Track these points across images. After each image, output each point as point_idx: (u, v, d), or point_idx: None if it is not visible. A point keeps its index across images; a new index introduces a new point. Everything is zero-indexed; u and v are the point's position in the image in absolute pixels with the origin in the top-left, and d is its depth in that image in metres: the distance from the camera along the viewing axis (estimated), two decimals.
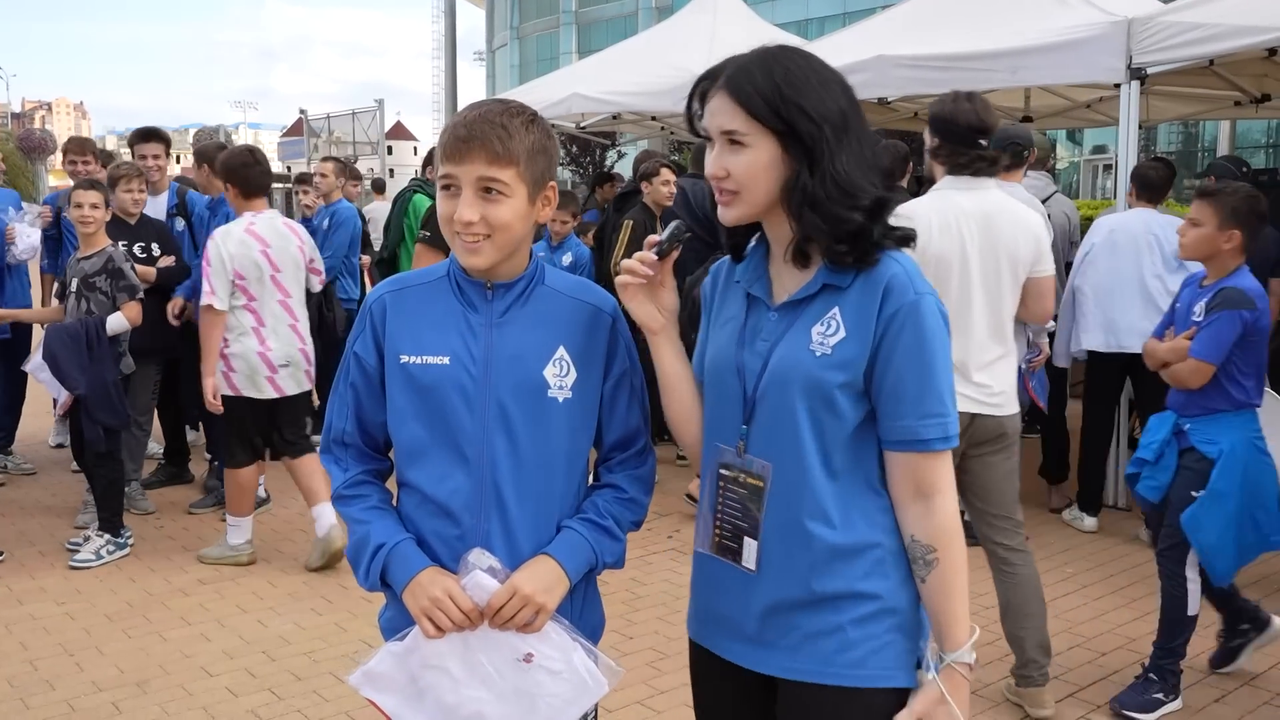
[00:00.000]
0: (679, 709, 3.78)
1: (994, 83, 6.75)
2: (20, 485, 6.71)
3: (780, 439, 1.73)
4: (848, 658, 1.72)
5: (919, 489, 1.72)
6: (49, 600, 4.81)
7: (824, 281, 1.71)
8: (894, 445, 1.71)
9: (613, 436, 1.98)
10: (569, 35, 53.92)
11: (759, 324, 1.78)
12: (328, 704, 3.82)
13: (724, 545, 1.81)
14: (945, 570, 1.71)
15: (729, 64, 1.72)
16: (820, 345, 1.70)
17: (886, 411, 1.70)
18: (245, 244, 5.10)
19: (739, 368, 1.78)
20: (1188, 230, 3.80)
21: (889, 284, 1.67)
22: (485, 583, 1.81)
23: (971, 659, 1.73)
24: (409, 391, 1.88)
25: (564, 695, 1.87)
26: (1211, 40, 5.58)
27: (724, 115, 1.70)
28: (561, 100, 9.33)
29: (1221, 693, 3.93)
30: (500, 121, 1.81)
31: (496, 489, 1.86)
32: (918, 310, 1.66)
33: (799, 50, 1.74)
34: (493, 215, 1.81)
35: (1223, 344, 3.60)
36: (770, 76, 1.67)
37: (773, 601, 1.76)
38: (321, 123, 22.49)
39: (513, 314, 1.89)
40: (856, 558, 1.72)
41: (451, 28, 27.48)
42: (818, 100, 1.67)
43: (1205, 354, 3.62)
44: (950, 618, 1.72)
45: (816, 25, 36.02)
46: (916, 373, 1.67)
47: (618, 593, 4.85)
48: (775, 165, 1.69)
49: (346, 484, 1.97)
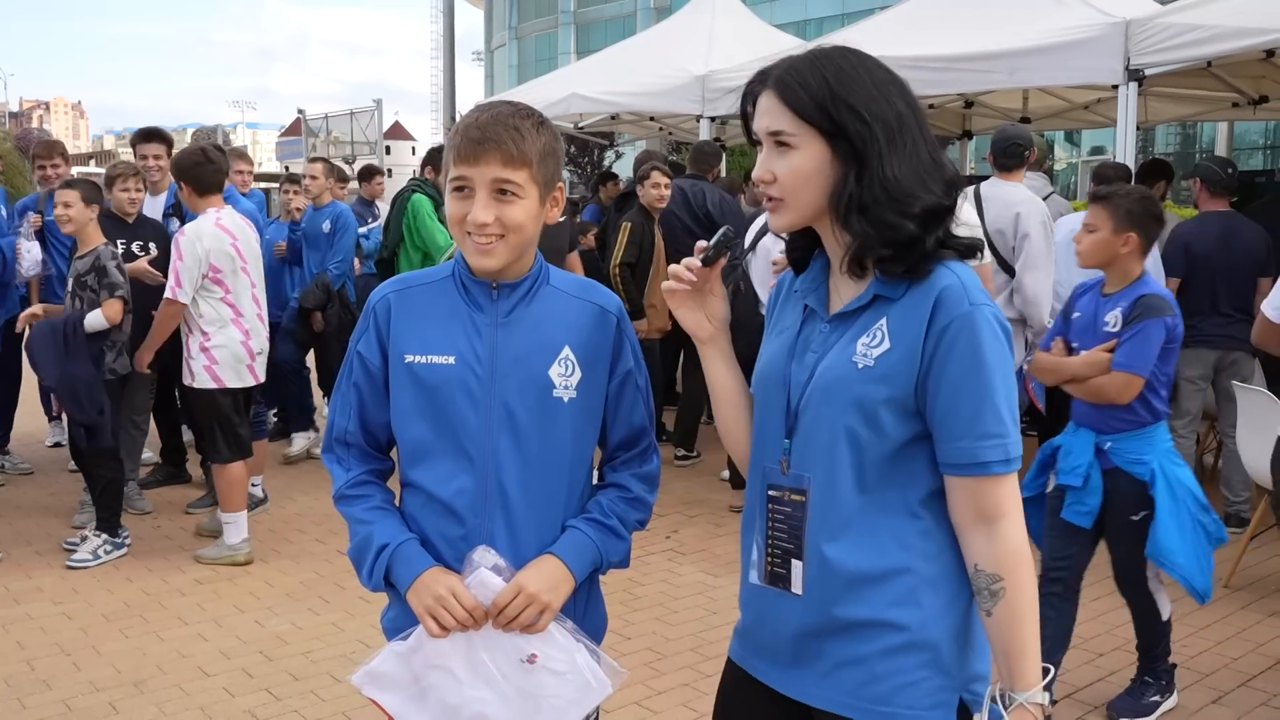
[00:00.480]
0: (677, 709, 3.78)
1: (992, 84, 6.77)
2: (17, 485, 6.71)
3: (819, 453, 1.65)
4: (872, 692, 1.63)
5: (981, 514, 1.60)
6: (46, 600, 4.81)
7: (875, 292, 1.63)
8: (952, 469, 1.60)
9: (618, 436, 1.98)
10: (567, 35, 53.92)
11: (811, 335, 1.72)
12: (325, 704, 3.82)
13: (775, 574, 1.72)
14: (1013, 601, 1.58)
15: (781, 63, 1.65)
16: (863, 357, 1.61)
17: (942, 433, 1.59)
18: (218, 238, 5.18)
19: (786, 379, 1.72)
20: (1084, 237, 3.62)
21: (941, 295, 1.57)
22: (490, 581, 1.81)
23: (1045, 700, 1.60)
24: (414, 391, 1.88)
25: (567, 696, 1.87)
26: (1209, 41, 5.59)
27: (771, 115, 1.63)
28: (560, 100, 9.33)
29: (1219, 694, 3.93)
30: (513, 124, 1.81)
31: (501, 489, 1.86)
32: (973, 323, 1.55)
33: (854, 50, 1.66)
34: (506, 216, 1.81)
35: (1150, 355, 3.44)
36: (820, 74, 1.60)
37: (807, 625, 1.68)
38: (320, 122, 22.50)
39: (518, 314, 1.89)
40: (884, 583, 1.62)
41: (450, 28, 27.44)
42: (870, 100, 1.59)
43: (1135, 366, 3.43)
44: (1020, 654, 1.59)
45: (815, 26, 36.03)
46: (972, 390, 1.56)
47: (615, 593, 4.85)
48: (823, 169, 1.61)
49: (349, 484, 1.97)
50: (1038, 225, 5.31)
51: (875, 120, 1.59)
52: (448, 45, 27.31)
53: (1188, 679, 4.01)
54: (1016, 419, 1.61)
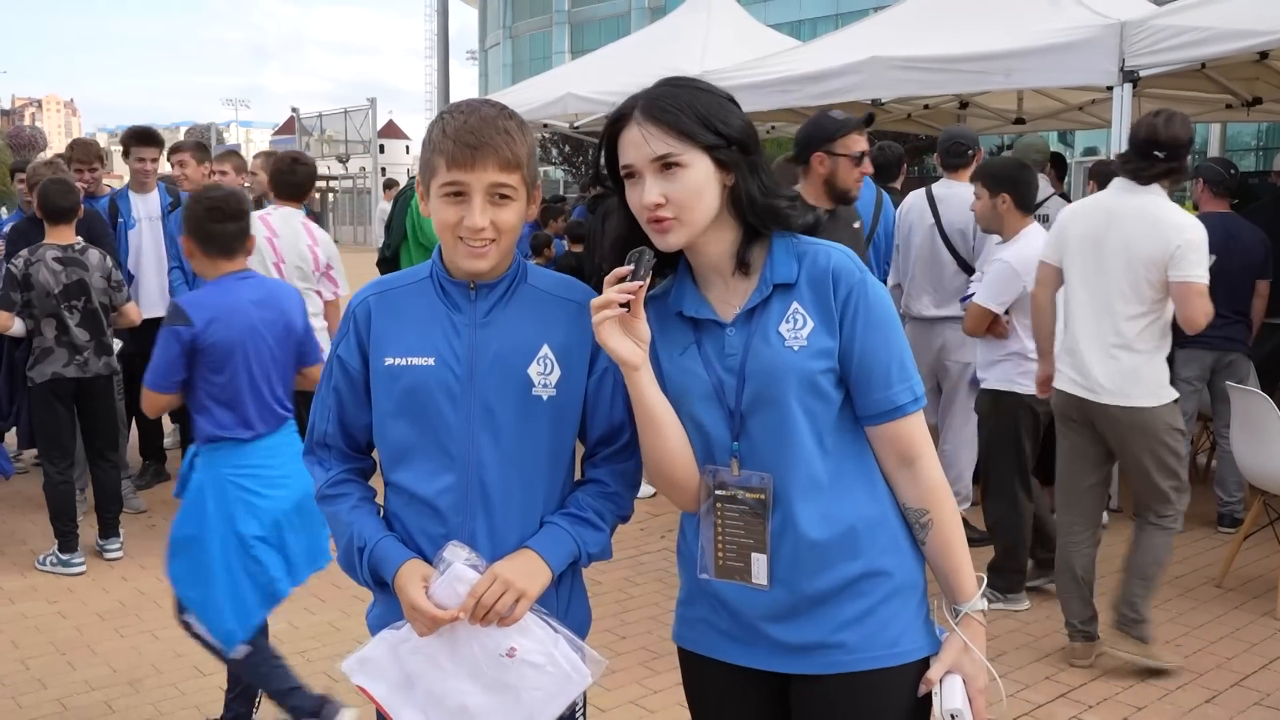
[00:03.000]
0: (672, 708, 3.78)
1: (987, 85, 6.78)
2: (12, 483, 6.69)
3: (774, 444, 1.76)
4: (883, 638, 1.78)
5: (902, 456, 1.79)
6: (40, 599, 4.80)
7: (773, 283, 1.77)
8: (875, 419, 1.78)
9: (598, 432, 1.99)
10: (562, 35, 53.93)
11: (719, 343, 1.79)
12: None
13: (729, 567, 1.81)
14: (941, 529, 1.79)
15: (635, 101, 1.77)
16: (795, 339, 1.74)
17: (862, 388, 1.77)
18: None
19: (716, 388, 1.78)
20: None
21: (835, 270, 1.75)
22: (465, 574, 1.83)
23: (984, 605, 1.81)
24: (394, 393, 1.90)
25: (547, 689, 1.88)
26: (1204, 43, 5.61)
27: (652, 141, 1.72)
28: (556, 100, 9.34)
29: (1212, 693, 3.94)
30: (504, 126, 1.82)
31: (482, 487, 1.88)
32: (865, 288, 1.75)
33: (692, 78, 1.84)
34: (501, 220, 1.83)
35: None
36: (683, 98, 1.74)
37: (790, 604, 1.79)
38: (313, 121, 22.47)
39: (496, 313, 1.90)
40: (870, 534, 1.77)
41: (444, 27, 27.48)
42: (728, 112, 1.76)
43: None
44: (956, 572, 1.81)
45: (809, 26, 36.05)
46: (882, 344, 1.75)
47: (610, 593, 4.85)
48: (711, 180, 1.74)
49: (329, 483, 2.00)
50: None
51: (739, 128, 1.76)
52: (442, 44, 27.32)
53: (1182, 679, 4.03)
54: (915, 364, 1.81)
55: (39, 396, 5.22)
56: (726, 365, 1.78)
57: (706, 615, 1.88)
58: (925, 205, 5.57)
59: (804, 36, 14.01)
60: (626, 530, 2.03)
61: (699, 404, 1.80)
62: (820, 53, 7.72)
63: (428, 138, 1.87)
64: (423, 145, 1.92)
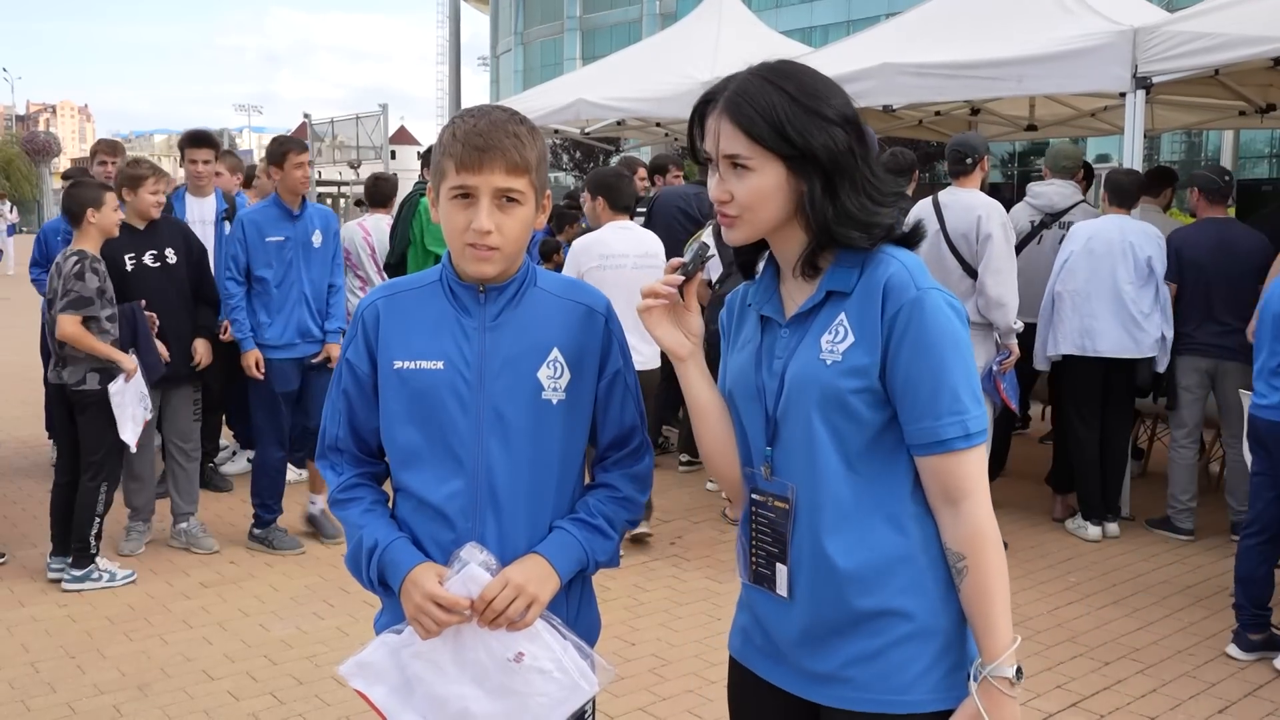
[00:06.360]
0: (682, 715, 3.77)
1: (1000, 91, 6.76)
2: (23, 487, 6.72)
3: (802, 456, 1.68)
4: (892, 683, 1.65)
5: (945, 494, 1.64)
6: (50, 603, 4.81)
7: (827, 289, 1.67)
8: (918, 450, 1.64)
9: (608, 436, 1.98)
10: (573, 41, 54.03)
11: (774, 343, 1.74)
12: (329, 708, 3.81)
13: (760, 574, 1.77)
14: (977, 578, 1.62)
15: (728, 84, 1.68)
16: (830, 353, 1.65)
17: (906, 414, 1.63)
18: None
19: (759, 390, 1.74)
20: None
21: (888, 284, 1.62)
22: (478, 575, 1.82)
23: (1010, 672, 1.60)
24: (403, 397, 1.89)
25: (554, 695, 1.87)
26: (1217, 50, 5.59)
27: (725, 139, 1.65)
28: (567, 106, 9.35)
29: (1225, 703, 3.91)
30: (513, 130, 1.81)
31: (492, 492, 1.87)
32: (920, 306, 1.60)
33: (797, 65, 1.70)
34: (507, 224, 1.82)
35: None
36: (770, 98, 1.63)
37: (809, 626, 1.70)
38: (325, 127, 22.49)
39: (505, 317, 1.89)
40: (889, 572, 1.65)
41: (456, 33, 27.55)
42: (814, 125, 1.63)
43: None
44: (985, 627, 1.62)
45: (821, 33, 36.08)
46: (928, 371, 1.60)
47: (620, 599, 4.84)
48: (781, 188, 1.65)
49: (340, 488, 1.99)
50: (998, 227, 5.37)
51: (821, 143, 1.62)
52: (453, 50, 27.39)
53: (1194, 687, 4.00)
54: (978, 396, 1.64)
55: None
56: (773, 368, 1.72)
57: (747, 625, 1.85)
58: (931, 212, 5.60)
59: (815, 43, 14.02)
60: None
61: (744, 403, 1.77)
62: (832, 59, 7.71)
63: (439, 142, 1.87)
64: (434, 150, 1.91)
